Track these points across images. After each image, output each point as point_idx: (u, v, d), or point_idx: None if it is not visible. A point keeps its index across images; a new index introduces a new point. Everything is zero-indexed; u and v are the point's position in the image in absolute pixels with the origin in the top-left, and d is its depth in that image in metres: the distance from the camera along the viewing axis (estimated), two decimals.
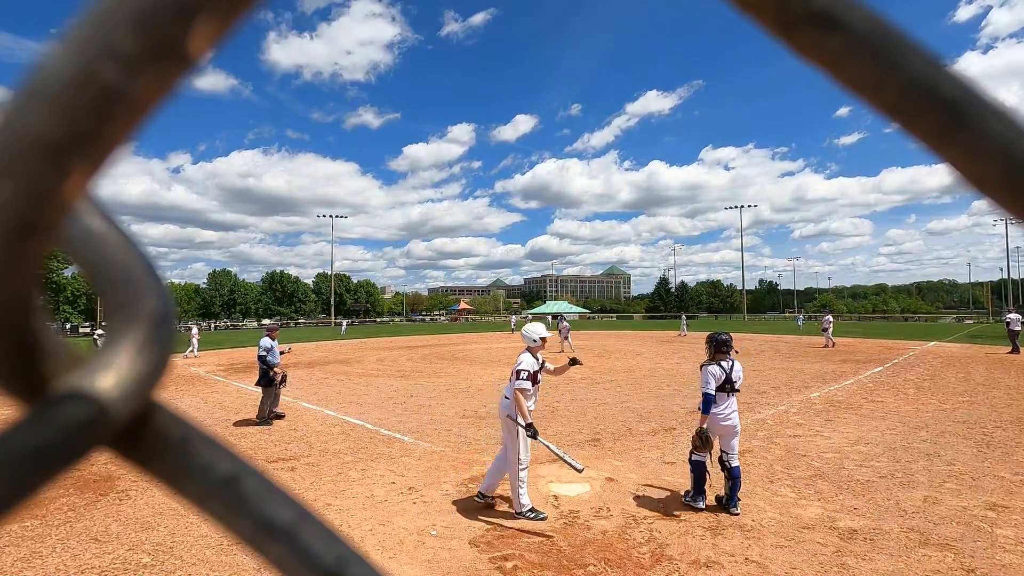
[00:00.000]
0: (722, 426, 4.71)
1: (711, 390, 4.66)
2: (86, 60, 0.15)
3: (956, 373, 13.18)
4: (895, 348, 20.61)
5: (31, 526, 4.36)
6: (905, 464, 5.80)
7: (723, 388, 4.72)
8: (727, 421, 4.72)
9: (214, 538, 4.11)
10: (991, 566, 3.58)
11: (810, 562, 3.68)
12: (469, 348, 24.05)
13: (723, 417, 4.70)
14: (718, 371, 4.72)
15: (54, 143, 0.15)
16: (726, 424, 4.71)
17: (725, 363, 4.76)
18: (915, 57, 0.18)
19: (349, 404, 9.97)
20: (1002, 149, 0.18)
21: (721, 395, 4.73)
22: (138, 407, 0.20)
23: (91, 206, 0.20)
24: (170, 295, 0.22)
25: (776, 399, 9.91)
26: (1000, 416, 8.12)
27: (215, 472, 0.22)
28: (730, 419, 4.73)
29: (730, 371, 4.74)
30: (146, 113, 0.16)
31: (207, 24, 0.16)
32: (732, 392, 4.75)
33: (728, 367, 4.75)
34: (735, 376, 4.77)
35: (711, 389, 4.66)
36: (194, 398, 11.01)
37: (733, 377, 4.75)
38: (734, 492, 4.61)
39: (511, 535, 4.17)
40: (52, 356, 0.19)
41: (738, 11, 0.19)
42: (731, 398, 4.76)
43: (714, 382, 4.69)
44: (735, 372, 4.78)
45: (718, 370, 4.72)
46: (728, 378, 4.73)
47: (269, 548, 0.22)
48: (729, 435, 4.74)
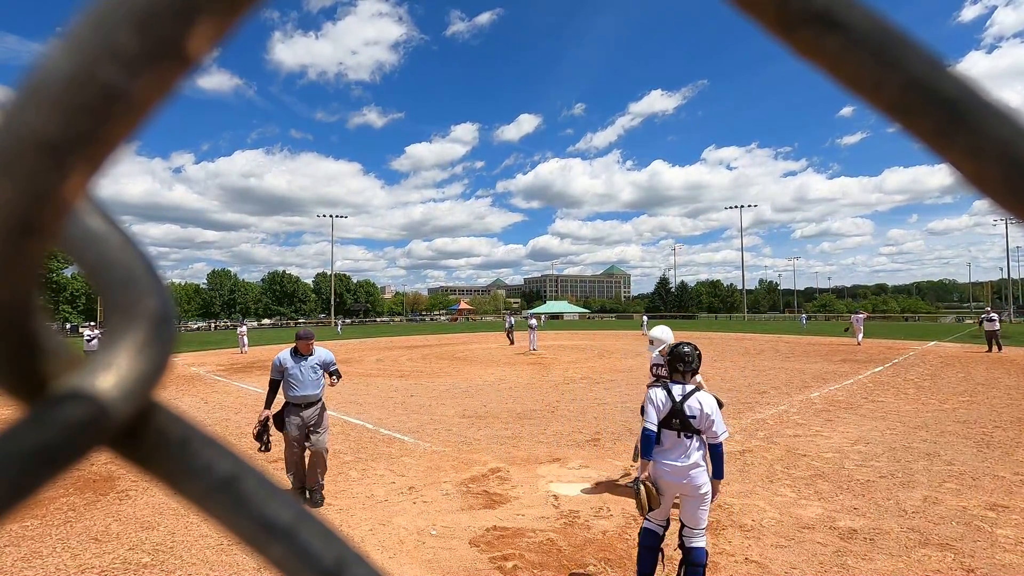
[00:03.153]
0: (671, 483, 3.17)
1: (650, 423, 3.23)
2: (86, 60, 0.15)
3: (956, 373, 13.18)
4: (895, 348, 20.62)
5: (31, 526, 4.36)
6: (905, 464, 5.80)
7: (669, 424, 3.22)
8: (678, 478, 3.15)
9: (214, 538, 4.11)
10: (991, 566, 3.58)
11: (810, 562, 3.68)
12: (469, 348, 24.04)
13: (670, 470, 3.17)
14: (662, 397, 3.26)
15: (54, 143, 0.15)
16: (676, 482, 3.16)
17: (677, 388, 3.29)
18: (915, 57, 0.18)
19: (349, 404, 9.97)
20: (1002, 149, 0.18)
21: (667, 435, 3.22)
22: (138, 407, 0.20)
23: (91, 206, 0.20)
24: (170, 295, 0.22)
25: (776, 399, 9.91)
26: (1000, 416, 8.12)
27: (215, 472, 0.22)
28: (685, 476, 3.14)
29: (682, 400, 3.23)
30: (146, 113, 0.16)
31: (207, 24, 0.16)
32: (686, 434, 3.18)
33: (681, 394, 3.26)
34: (690, 410, 3.20)
35: (649, 422, 3.24)
36: (194, 398, 11.01)
37: (686, 411, 3.20)
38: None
39: (511, 535, 4.17)
40: (52, 356, 0.19)
41: (738, 11, 0.19)
42: (687, 443, 3.19)
43: (653, 412, 3.24)
44: (692, 404, 3.21)
45: (662, 396, 3.27)
46: (676, 409, 3.21)
47: (269, 548, 0.22)
48: (686, 501, 3.21)
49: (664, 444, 3.24)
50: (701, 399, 3.23)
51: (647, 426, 3.26)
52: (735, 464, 5.87)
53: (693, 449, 3.19)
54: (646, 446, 3.25)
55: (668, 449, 3.22)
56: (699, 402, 3.22)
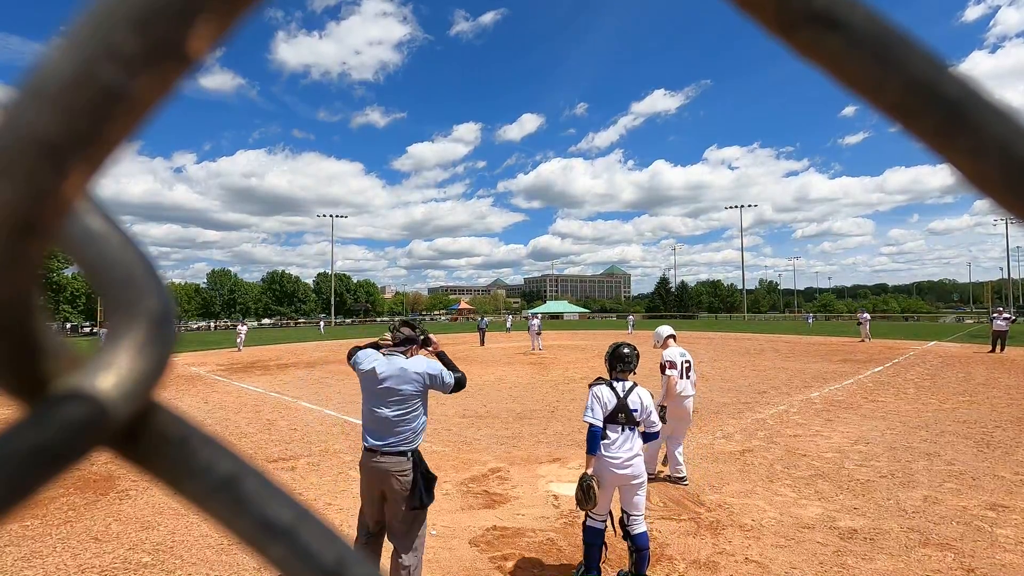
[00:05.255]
0: (615, 475, 3.46)
1: (595, 419, 3.48)
2: (86, 60, 0.15)
3: (956, 373, 13.17)
4: (895, 348, 20.61)
5: (31, 526, 4.36)
6: (905, 464, 5.80)
7: (614, 419, 3.50)
8: (624, 469, 3.45)
9: (214, 538, 4.11)
10: (991, 566, 3.58)
11: (810, 562, 3.68)
12: (469, 348, 24.04)
13: (617, 462, 3.45)
14: (607, 394, 3.55)
15: (54, 143, 0.15)
16: (622, 473, 3.45)
17: (619, 385, 3.59)
18: (915, 57, 0.18)
19: (349, 404, 9.97)
20: (1002, 149, 0.18)
21: (613, 429, 3.51)
22: (138, 407, 0.20)
23: (91, 206, 0.20)
24: (170, 295, 0.22)
25: (776, 399, 9.91)
26: (1000, 416, 8.12)
27: (215, 472, 0.22)
28: (629, 466, 3.45)
29: (625, 396, 3.54)
30: (146, 113, 0.16)
31: (207, 24, 0.16)
32: (629, 426, 3.51)
33: (623, 390, 3.56)
34: (633, 404, 3.53)
35: (595, 418, 3.49)
36: (194, 398, 11.01)
37: (630, 405, 3.52)
38: (640, 569, 3.41)
39: (511, 535, 4.17)
40: (52, 356, 0.19)
41: (738, 11, 0.19)
42: (629, 435, 3.50)
43: (599, 409, 3.50)
44: (633, 398, 3.54)
45: (607, 392, 3.55)
46: (621, 404, 3.52)
47: (269, 548, 0.22)
48: (628, 489, 3.51)
49: (610, 438, 3.50)
50: (640, 394, 3.60)
51: (593, 423, 3.49)
52: (735, 464, 5.88)
53: (634, 441, 3.52)
54: (592, 443, 3.48)
55: (614, 442, 3.49)
56: (639, 396, 3.57)
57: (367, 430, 3.10)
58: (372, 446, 3.04)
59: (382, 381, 3.03)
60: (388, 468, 3.00)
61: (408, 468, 3.02)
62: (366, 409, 3.10)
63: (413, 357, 3.20)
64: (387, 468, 3.00)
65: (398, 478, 2.99)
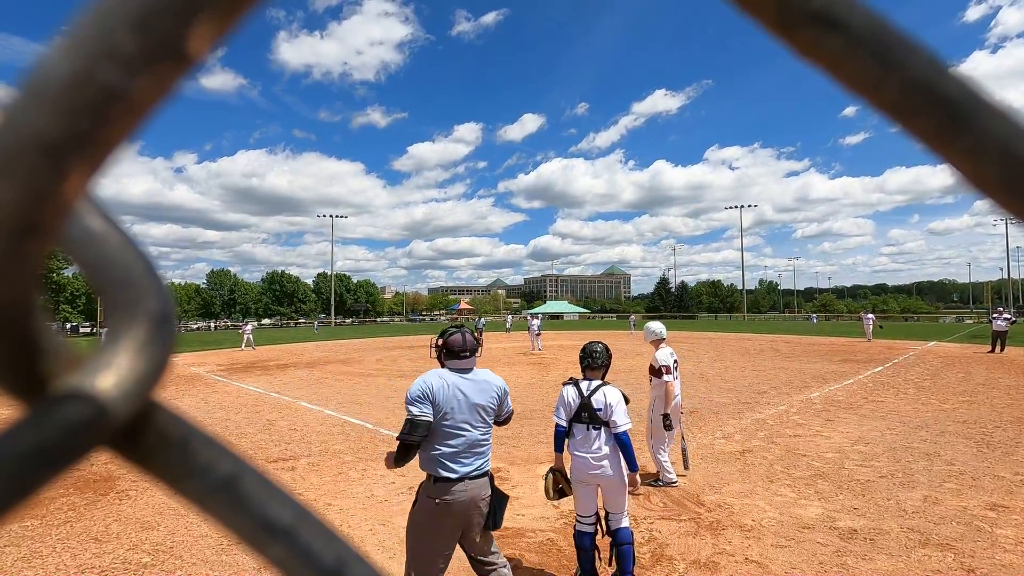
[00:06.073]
0: (588, 474, 3.44)
1: (559, 419, 3.52)
2: (86, 60, 0.15)
3: (956, 373, 13.17)
4: (895, 348, 20.61)
5: (31, 526, 4.36)
6: (905, 464, 5.80)
7: (579, 418, 3.47)
8: (594, 468, 3.41)
9: (214, 538, 4.11)
10: (991, 566, 3.58)
11: (810, 562, 3.68)
12: None
13: (586, 462, 3.42)
14: (571, 393, 3.52)
15: (54, 143, 0.15)
16: (593, 472, 3.42)
17: (585, 384, 3.54)
18: (915, 57, 0.18)
19: (349, 404, 9.97)
20: (1002, 149, 0.18)
21: (579, 429, 3.48)
22: (138, 407, 0.20)
23: (91, 206, 0.20)
24: (170, 295, 0.22)
25: (776, 399, 9.91)
26: (1000, 416, 8.12)
27: (215, 472, 0.22)
28: (600, 465, 3.40)
29: (589, 395, 3.47)
30: (146, 113, 0.16)
31: (207, 24, 0.16)
32: (594, 425, 3.44)
33: (588, 389, 3.49)
34: (597, 403, 3.44)
35: (559, 418, 3.52)
36: (194, 398, 11.01)
37: (594, 404, 3.44)
38: (625, 566, 3.34)
39: (511, 535, 4.17)
40: (52, 356, 0.19)
41: (738, 11, 0.19)
42: (596, 433, 3.43)
43: (563, 410, 3.52)
44: (598, 397, 3.46)
45: (571, 392, 3.53)
46: (584, 403, 3.47)
47: (269, 548, 0.22)
48: (605, 488, 3.47)
49: (576, 436, 3.50)
50: (606, 392, 3.48)
51: (558, 422, 3.55)
52: (735, 464, 5.87)
53: (602, 440, 3.44)
54: (557, 441, 3.55)
55: (580, 441, 3.48)
56: (604, 395, 3.47)
57: (447, 458, 2.61)
58: (460, 475, 2.61)
59: (471, 397, 2.68)
60: (475, 495, 2.64)
61: (489, 492, 2.71)
62: (444, 435, 2.63)
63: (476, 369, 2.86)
64: (474, 495, 2.63)
65: (480, 505, 2.67)
